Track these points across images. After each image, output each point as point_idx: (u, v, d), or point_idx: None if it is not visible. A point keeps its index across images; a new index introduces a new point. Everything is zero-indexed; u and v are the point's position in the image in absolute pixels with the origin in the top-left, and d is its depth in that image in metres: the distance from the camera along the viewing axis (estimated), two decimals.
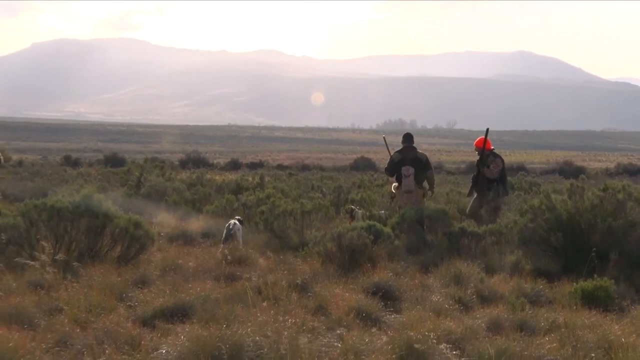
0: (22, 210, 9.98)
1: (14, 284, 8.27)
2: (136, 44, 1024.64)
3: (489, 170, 13.48)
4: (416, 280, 9.31)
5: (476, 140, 13.83)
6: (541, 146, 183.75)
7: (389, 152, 13.84)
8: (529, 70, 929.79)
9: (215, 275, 9.49)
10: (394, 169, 13.51)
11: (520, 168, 61.05)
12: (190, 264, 10.18)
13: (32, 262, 8.97)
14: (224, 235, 11.90)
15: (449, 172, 57.37)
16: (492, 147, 13.76)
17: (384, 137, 15.16)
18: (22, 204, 10.25)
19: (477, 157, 13.74)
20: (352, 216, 14.45)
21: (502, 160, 13.67)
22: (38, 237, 9.79)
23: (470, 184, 13.86)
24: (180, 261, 10.22)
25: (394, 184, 13.79)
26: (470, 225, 11.61)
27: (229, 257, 10.35)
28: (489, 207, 13.30)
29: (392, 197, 14.04)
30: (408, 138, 13.68)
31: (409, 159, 13.40)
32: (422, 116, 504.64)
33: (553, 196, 10.97)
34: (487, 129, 13.79)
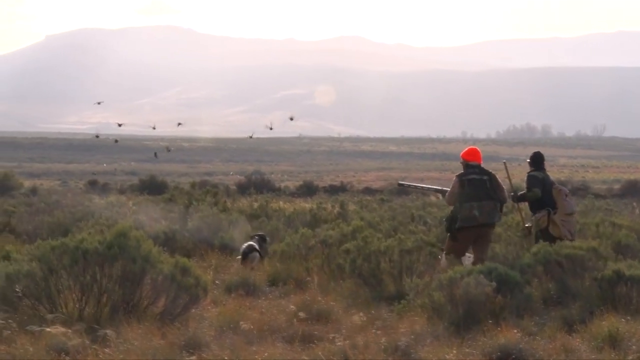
0: (38, 253, 10.22)
1: (31, 349, 8.49)
2: (177, 32, 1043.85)
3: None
4: (557, 342, 9.23)
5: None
6: None
7: (510, 180, 14.54)
8: None
9: (287, 336, 9.57)
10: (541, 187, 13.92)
11: None
12: (254, 321, 10.27)
13: (51, 319, 9.17)
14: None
15: (597, 195, 56.30)
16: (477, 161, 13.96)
17: (504, 163, 15.48)
18: (37, 244, 10.50)
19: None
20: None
21: (465, 180, 13.70)
22: (59, 287, 10.04)
23: None
24: (243, 321, 10.31)
25: (536, 215, 13.93)
26: (631, 267, 11.40)
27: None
28: None
29: (527, 229, 14.16)
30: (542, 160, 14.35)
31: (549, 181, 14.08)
32: (557, 120, 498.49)
33: None
34: None
